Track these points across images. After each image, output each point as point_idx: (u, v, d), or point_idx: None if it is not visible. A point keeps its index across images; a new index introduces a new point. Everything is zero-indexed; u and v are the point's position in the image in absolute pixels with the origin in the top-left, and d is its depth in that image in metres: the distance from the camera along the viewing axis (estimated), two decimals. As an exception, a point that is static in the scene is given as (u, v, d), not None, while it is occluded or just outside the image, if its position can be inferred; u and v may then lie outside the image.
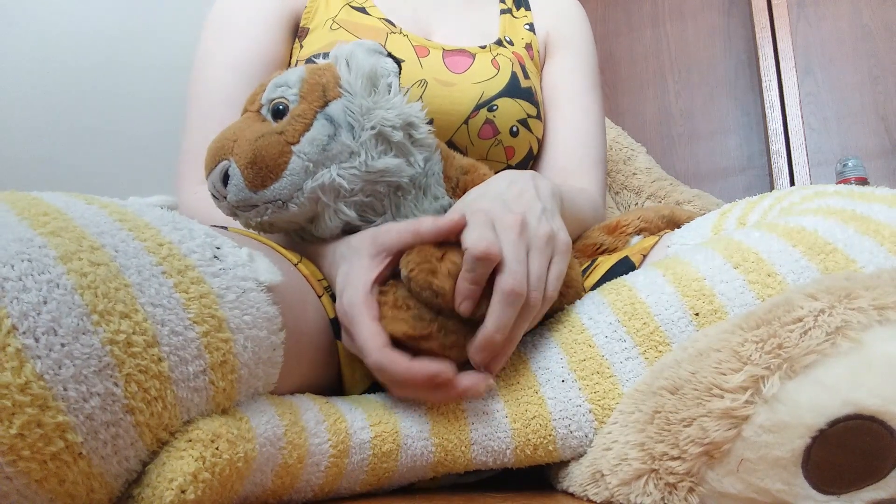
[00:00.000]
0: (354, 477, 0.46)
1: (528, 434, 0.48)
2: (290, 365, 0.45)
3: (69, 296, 0.30)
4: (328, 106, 0.53)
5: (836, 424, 0.34)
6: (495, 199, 0.52)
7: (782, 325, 0.37)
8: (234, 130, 0.54)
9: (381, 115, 0.54)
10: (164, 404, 0.33)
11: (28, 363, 0.28)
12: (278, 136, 0.52)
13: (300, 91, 0.54)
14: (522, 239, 0.49)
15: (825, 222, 0.46)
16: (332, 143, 0.52)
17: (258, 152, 0.51)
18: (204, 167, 0.55)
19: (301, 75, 0.55)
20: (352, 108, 0.54)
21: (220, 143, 0.54)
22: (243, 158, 0.52)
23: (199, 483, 0.33)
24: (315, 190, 0.52)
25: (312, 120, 0.53)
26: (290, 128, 0.52)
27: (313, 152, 0.52)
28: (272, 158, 0.51)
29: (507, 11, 0.93)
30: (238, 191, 0.52)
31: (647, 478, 0.41)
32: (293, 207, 0.53)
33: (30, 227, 0.32)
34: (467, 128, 0.78)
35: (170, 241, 0.37)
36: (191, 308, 0.35)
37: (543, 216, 0.52)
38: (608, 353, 0.48)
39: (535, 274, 0.48)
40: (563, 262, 0.51)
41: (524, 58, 0.87)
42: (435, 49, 0.81)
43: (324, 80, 0.55)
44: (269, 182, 0.52)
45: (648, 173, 1.38)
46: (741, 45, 1.92)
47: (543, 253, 0.50)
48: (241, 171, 0.52)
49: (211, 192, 0.55)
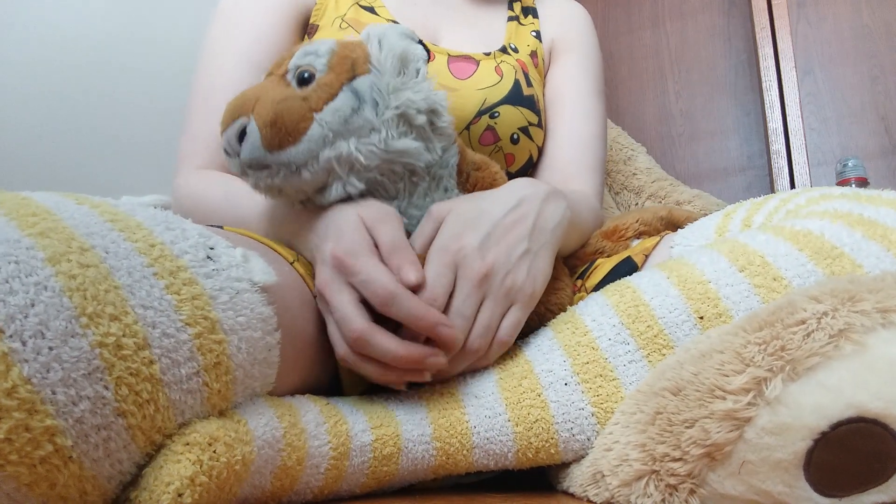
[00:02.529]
0: (354, 479, 0.46)
1: (530, 437, 0.48)
2: (287, 365, 0.44)
3: (57, 298, 0.30)
4: (355, 80, 0.53)
5: (839, 427, 0.34)
6: (480, 230, 0.52)
7: (785, 328, 0.37)
8: (256, 90, 0.54)
9: (408, 96, 0.53)
10: (156, 407, 0.33)
11: (15, 367, 0.28)
12: (302, 102, 0.52)
13: (329, 62, 0.54)
14: (479, 291, 0.50)
15: (832, 226, 0.46)
16: (355, 117, 0.52)
17: (280, 113, 0.51)
18: (220, 123, 0.55)
19: (332, 47, 0.55)
20: (379, 85, 0.53)
21: (241, 101, 0.53)
22: (263, 118, 0.51)
23: (196, 487, 0.32)
24: (331, 160, 0.52)
25: (338, 91, 0.52)
26: (314, 95, 0.52)
27: (335, 122, 0.52)
28: (293, 122, 0.51)
29: (514, 18, 0.94)
30: (253, 149, 0.52)
31: (647, 479, 0.40)
32: (306, 174, 0.52)
33: (17, 228, 0.31)
34: (468, 133, 0.79)
35: (162, 241, 0.36)
36: (183, 310, 0.35)
37: (520, 261, 0.52)
38: (611, 356, 0.48)
39: (482, 324, 0.50)
40: (521, 312, 0.52)
41: (528, 66, 0.88)
42: (440, 54, 0.81)
43: (354, 54, 0.54)
44: (286, 144, 0.51)
45: (648, 173, 1.37)
46: (741, 45, 1.92)
47: (500, 304, 0.51)
48: (259, 129, 0.51)
49: (225, 147, 0.54)
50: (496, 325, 0.51)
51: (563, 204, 0.58)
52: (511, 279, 0.51)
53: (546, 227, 0.55)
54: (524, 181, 0.58)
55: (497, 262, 0.51)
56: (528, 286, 0.52)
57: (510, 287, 0.51)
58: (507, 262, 0.51)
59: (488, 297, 0.50)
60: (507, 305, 0.51)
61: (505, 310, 0.51)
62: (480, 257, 0.50)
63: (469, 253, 0.50)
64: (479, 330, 0.50)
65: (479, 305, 0.50)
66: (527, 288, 0.52)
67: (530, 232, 0.53)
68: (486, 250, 0.51)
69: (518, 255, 0.52)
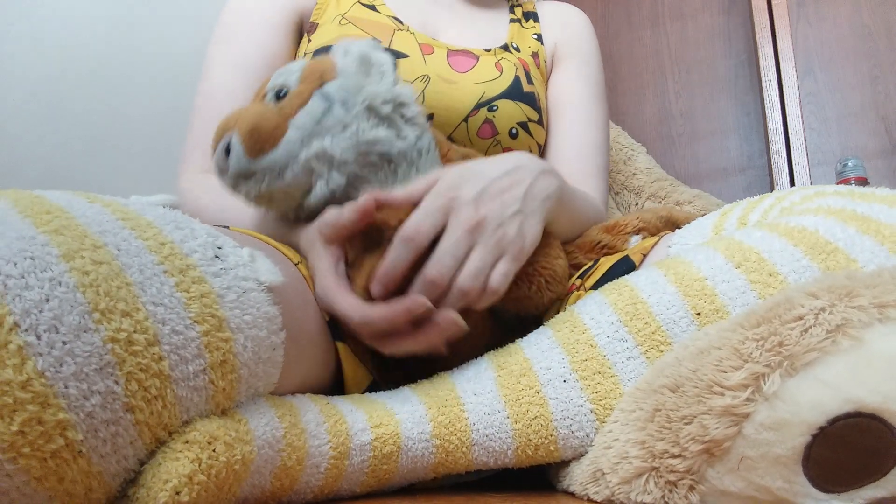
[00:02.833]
0: (354, 479, 0.46)
1: (529, 435, 0.48)
2: (290, 365, 0.44)
3: (71, 294, 0.30)
4: (324, 86, 0.57)
5: (837, 422, 0.34)
6: (476, 185, 0.54)
7: (783, 323, 0.37)
8: (238, 111, 0.58)
9: (372, 90, 0.57)
10: (163, 403, 0.33)
11: (30, 360, 0.28)
12: (278, 111, 0.56)
13: (301, 77, 0.58)
14: (469, 236, 0.51)
15: (826, 222, 0.46)
16: (327, 117, 0.56)
17: (257, 123, 0.55)
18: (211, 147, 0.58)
19: (302, 65, 0.60)
20: (346, 85, 0.57)
21: (225, 122, 0.58)
22: (243, 129, 0.55)
23: (194, 485, 0.33)
24: (310, 159, 0.55)
25: (309, 97, 0.57)
26: (288, 104, 0.56)
27: (308, 123, 0.56)
28: (270, 129, 0.55)
29: (516, 21, 0.94)
30: (238, 159, 0.55)
31: (647, 476, 0.41)
32: (288, 175, 0.55)
33: (32, 224, 0.32)
34: (467, 126, 0.79)
35: (171, 240, 0.37)
36: (191, 307, 0.35)
37: (512, 220, 0.54)
38: (610, 353, 0.48)
39: (473, 265, 0.51)
40: (511, 263, 0.53)
41: (529, 65, 0.88)
42: (440, 48, 0.82)
43: (323, 66, 0.59)
44: (266, 149, 0.55)
45: (648, 173, 1.38)
46: (741, 45, 1.92)
47: (490, 252, 0.52)
48: (241, 140, 0.55)
49: (216, 167, 0.58)
50: (487, 271, 0.52)
51: (556, 182, 0.60)
52: (502, 231, 0.53)
53: (538, 195, 0.57)
54: (523, 153, 0.60)
55: (490, 214, 0.53)
56: (518, 241, 0.54)
57: (501, 238, 0.52)
58: (500, 216, 0.53)
59: (479, 244, 0.52)
60: (497, 255, 0.52)
61: (495, 259, 0.52)
62: (474, 208, 0.52)
63: (463, 202, 0.52)
64: (470, 270, 0.51)
65: (469, 252, 0.52)
66: (517, 242, 0.54)
67: (523, 196, 0.55)
68: (480, 203, 0.53)
69: (510, 213, 0.54)
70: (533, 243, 0.56)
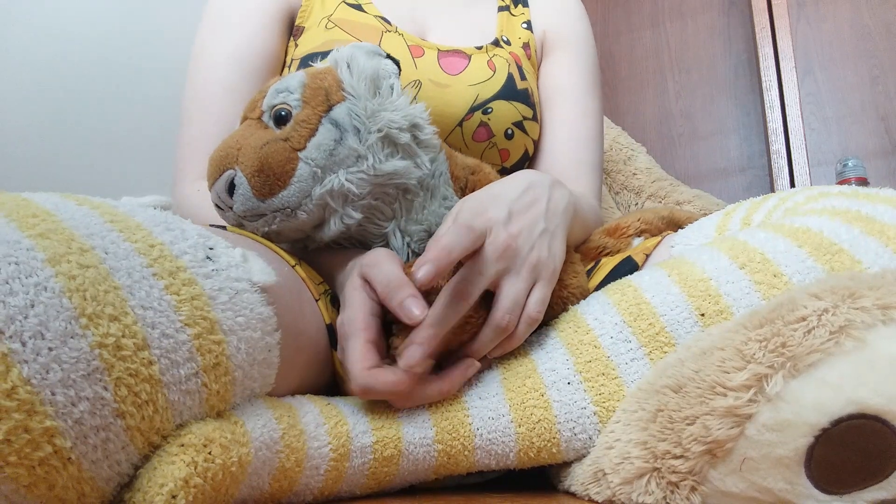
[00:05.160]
0: (354, 481, 0.46)
1: (532, 438, 0.47)
2: (287, 366, 0.44)
3: (57, 299, 0.30)
4: (332, 110, 0.53)
5: (840, 423, 0.34)
6: (502, 208, 0.52)
7: (786, 324, 0.37)
8: (236, 139, 0.53)
9: (387, 117, 0.53)
10: (155, 408, 0.33)
11: (14, 367, 0.28)
12: (284, 143, 0.51)
13: (302, 96, 0.53)
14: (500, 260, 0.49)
15: (830, 223, 0.46)
16: (339, 148, 0.52)
17: (265, 160, 0.51)
18: (207, 177, 0.54)
19: (302, 80, 0.54)
20: (357, 111, 0.53)
21: (224, 152, 0.53)
22: (249, 167, 0.51)
23: (190, 488, 0.32)
24: (324, 196, 0.52)
25: (317, 125, 0.52)
26: (295, 133, 0.52)
27: (321, 158, 0.51)
28: (279, 165, 0.51)
29: (505, 9, 0.91)
30: (245, 200, 0.52)
31: (649, 476, 0.40)
32: (302, 215, 0.52)
33: (18, 228, 0.31)
34: (461, 130, 0.77)
35: (161, 242, 0.36)
36: (182, 310, 0.34)
37: (540, 239, 0.52)
38: (614, 354, 0.48)
39: (509, 298, 0.49)
40: (546, 288, 0.51)
41: (521, 58, 0.86)
42: (430, 49, 0.80)
43: (326, 83, 0.54)
44: (277, 190, 0.51)
45: (648, 173, 1.37)
46: (741, 45, 1.92)
47: (525, 279, 0.50)
48: (247, 179, 0.51)
49: (215, 202, 0.54)
50: (523, 301, 0.50)
51: (567, 191, 0.59)
52: (535, 255, 0.51)
53: (557, 209, 0.56)
54: (527, 171, 0.59)
55: (521, 235, 0.51)
56: (550, 262, 0.52)
57: (535, 263, 0.51)
58: (530, 238, 0.51)
59: (512, 272, 0.50)
60: (532, 281, 0.51)
61: (530, 286, 0.51)
62: (505, 229, 0.50)
63: (495, 224, 0.50)
64: (506, 304, 0.49)
65: (499, 277, 0.49)
66: (549, 264, 0.52)
67: (545, 212, 0.54)
68: (511, 223, 0.51)
69: (538, 232, 0.52)
70: (561, 261, 0.54)
